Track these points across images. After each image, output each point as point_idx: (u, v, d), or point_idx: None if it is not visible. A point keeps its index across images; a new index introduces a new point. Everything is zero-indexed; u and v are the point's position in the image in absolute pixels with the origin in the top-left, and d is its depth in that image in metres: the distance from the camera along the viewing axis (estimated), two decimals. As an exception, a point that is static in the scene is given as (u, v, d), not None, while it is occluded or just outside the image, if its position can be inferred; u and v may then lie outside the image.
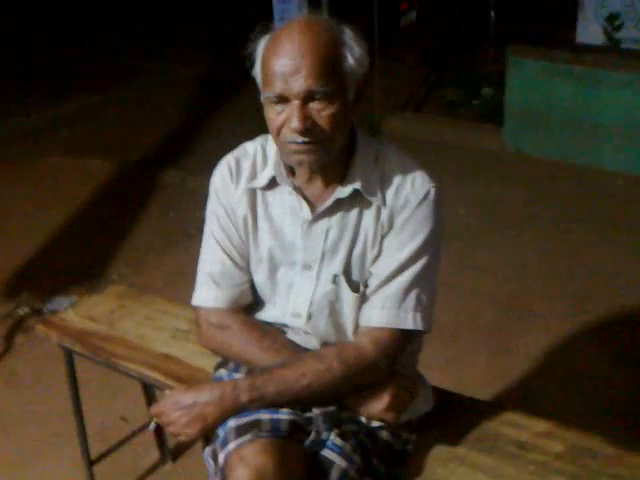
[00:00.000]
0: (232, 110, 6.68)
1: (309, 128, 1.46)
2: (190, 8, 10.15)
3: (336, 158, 1.57)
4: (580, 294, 3.68)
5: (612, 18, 5.53)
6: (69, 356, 2.32)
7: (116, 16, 10.42)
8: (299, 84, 1.44)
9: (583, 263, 3.99)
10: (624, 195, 4.78)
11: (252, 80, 1.58)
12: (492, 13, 6.56)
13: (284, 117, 1.48)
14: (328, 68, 1.45)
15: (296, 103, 1.46)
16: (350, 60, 1.49)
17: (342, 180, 1.60)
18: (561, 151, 5.29)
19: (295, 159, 1.53)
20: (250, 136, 1.77)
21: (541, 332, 3.40)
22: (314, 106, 1.47)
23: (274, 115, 1.50)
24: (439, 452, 1.72)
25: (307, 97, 1.45)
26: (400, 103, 6.51)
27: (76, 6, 10.76)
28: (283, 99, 1.47)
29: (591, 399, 2.94)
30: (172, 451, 2.73)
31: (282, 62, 1.45)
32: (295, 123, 1.45)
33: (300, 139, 1.47)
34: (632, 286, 3.71)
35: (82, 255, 4.36)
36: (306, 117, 1.46)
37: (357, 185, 1.58)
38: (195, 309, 1.75)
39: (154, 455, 2.73)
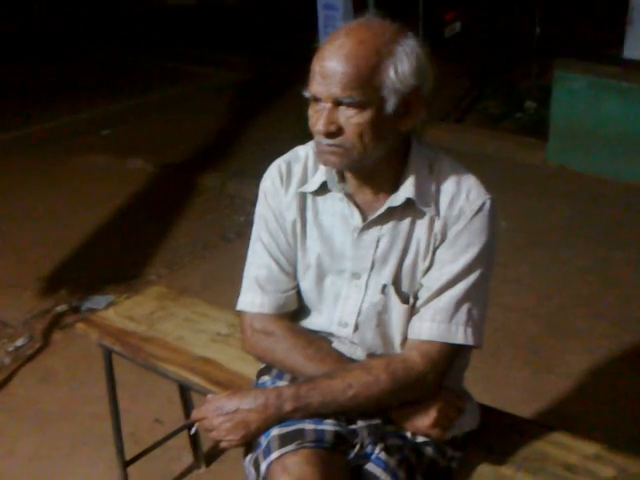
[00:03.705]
0: (273, 116, 6.69)
1: (333, 132, 1.45)
2: (237, 15, 10.24)
3: (386, 166, 1.54)
4: (622, 313, 3.60)
5: (661, 34, 5.44)
6: (108, 355, 2.31)
7: (163, 20, 10.55)
8: (328, 89, 1.43)
9: (625, 282, 3.91)
10: (670, 214, 4.70)
11: (293, 87, 1.57)
12: (537, 26, 6.50)
13: (317, 117, 1.48)
14: (360, 78, 1.41)
15: (327, 105, 1.45)
16: (392, 72, 1.43)
17: (395, 188, 1.57)
18: (606, 168, 5.20)
19: (321, 159, 1.53)
20: (289, 142, 1.76)
21: (582, 351, 3.32)
22: (344, 111, 1.45)
23: (312, 113, 1.50)
24: (484, 471, 1.67)
25: (336, 102, 1.44)
26: (442, 113, 6.48)
27: (122, 9, 10.93)
28: (317, 99, 1.47)
29: (634, 421, 2.86)
30: (206, 456, 2.71)
31: (321, 64, 1.44)
32: (319, 126, 1.46)
33: (324, 141, 1.47)
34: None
35: (120, 255, 4.38)
36: (332, 121, 1.45)
37: (410, 194, 1.54)
38: (239, 314, 1.72)
39: (188, 459, 2.71)
